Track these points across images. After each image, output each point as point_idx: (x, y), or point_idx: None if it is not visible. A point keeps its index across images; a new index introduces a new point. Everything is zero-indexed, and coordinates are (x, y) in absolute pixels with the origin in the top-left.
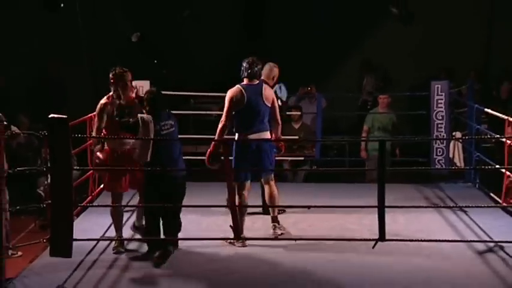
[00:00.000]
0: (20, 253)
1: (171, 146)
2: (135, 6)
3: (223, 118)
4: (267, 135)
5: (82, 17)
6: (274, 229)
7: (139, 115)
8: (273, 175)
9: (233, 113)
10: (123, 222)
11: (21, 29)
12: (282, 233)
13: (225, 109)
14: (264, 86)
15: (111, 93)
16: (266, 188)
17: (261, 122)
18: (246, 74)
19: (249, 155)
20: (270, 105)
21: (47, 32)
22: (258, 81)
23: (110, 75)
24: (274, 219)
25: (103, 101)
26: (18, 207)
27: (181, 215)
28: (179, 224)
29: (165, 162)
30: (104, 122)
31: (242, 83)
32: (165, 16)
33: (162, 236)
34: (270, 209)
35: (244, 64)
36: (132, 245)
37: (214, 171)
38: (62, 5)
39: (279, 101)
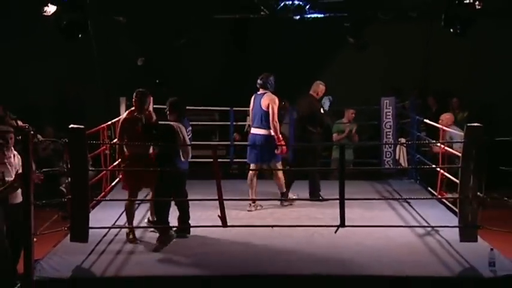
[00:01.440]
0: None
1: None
2: (140, 35)
3: None
4: (260, 131)
5: (96, 44)
6: (281, 203)
7: (171, 123)
8: (276, 163)
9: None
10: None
11: (47, 56)
12: (289, 204)
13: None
14: (265, 95)
15: (132, 109)
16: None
17: (258, 121)
18: (257, 85)
19: (250, 145)
20: (265, 110)
21: (69, 57)
22: (262, 91)
23: (134, 95)
24: (282, 195)
25: (125, 115)
26: (44, 202)
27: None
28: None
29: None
30: (125, 132)
31: (257, 92)
32: (165, 43)
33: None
34: (277, 186)
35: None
36: (142, 236)
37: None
38: (80, 35)
39: (322, 109)
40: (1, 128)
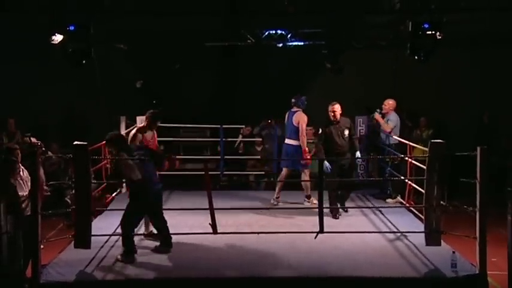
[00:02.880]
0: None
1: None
2: (139, 60)
3: None
4: (291, 142)
5: (99, 69)
6: (303, 202)
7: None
8: (306, 170)
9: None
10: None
11: (55, 79)
12: (314, 204)
13: None
14: (296, 113)
15: (142, 125)
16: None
17: (289, 134)
18: (292, 103)
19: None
20: (296, 126)
21: (74, 80)
22: (295, 109)
23: (147, 114)
24: (308, 197)
25: (134, 131)
26: (50, 212)
27: (171, 216)
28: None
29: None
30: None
31: (290, 109)
32: (162, 68)
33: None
34: (305, 189)
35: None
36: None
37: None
38: (84, 61)
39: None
40: (10, 145)
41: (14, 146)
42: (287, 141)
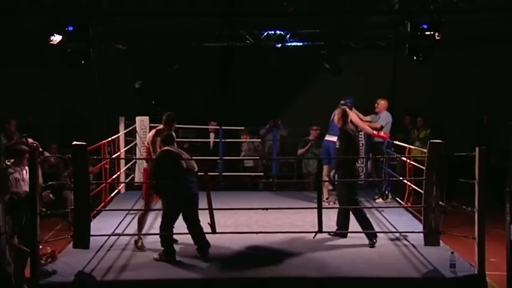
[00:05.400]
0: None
1: None
2: (138, 61)
3: None
4: (333, 138)
5: (98, 70)
6: (335, 201)
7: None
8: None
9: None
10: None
11: (55, 80)
12: (333, 202)
13: None
14: (336, 110)
15: (159, 127)
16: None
17: (332, 130)
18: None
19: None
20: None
21: (73, 81)
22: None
23: (164, 117)
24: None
25: (153, 132)
26: (49, 212)
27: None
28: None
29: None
30: (157, 147)
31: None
32: (161, 69)
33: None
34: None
35: None
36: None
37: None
38: (83, 62)
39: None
40: (19, 147)
41: (22, 147)
42: (328, 137)
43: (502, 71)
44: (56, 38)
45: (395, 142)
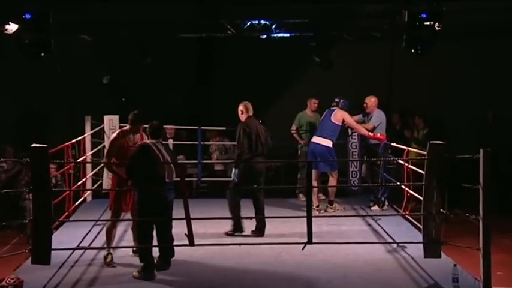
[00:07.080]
0: None
1: None
2: (106, 53)
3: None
4: (321, 141)
5: (60, 63)
6: (326, 209)
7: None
8: (333, 173)
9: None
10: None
11: (10, 75)
12: (337, 210)
13: None
14: (336, 110)
15: (124, 128)
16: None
17: (321, 132)
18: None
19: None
20: (335, 122)
21: (33, 76)
22: (335, 108)
23: (130, 116)
24: (330, 203)
25: (115, 134)
26: (4, 223)
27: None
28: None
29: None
30: (115, 151)
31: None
32: (132, 62)
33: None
34: (329, 193)
35: None
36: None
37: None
38: (43, 54)
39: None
40: None
41: None
42: (316, 139)
43: (508, 64)
44: (12, 27)
45: (392, 144)
